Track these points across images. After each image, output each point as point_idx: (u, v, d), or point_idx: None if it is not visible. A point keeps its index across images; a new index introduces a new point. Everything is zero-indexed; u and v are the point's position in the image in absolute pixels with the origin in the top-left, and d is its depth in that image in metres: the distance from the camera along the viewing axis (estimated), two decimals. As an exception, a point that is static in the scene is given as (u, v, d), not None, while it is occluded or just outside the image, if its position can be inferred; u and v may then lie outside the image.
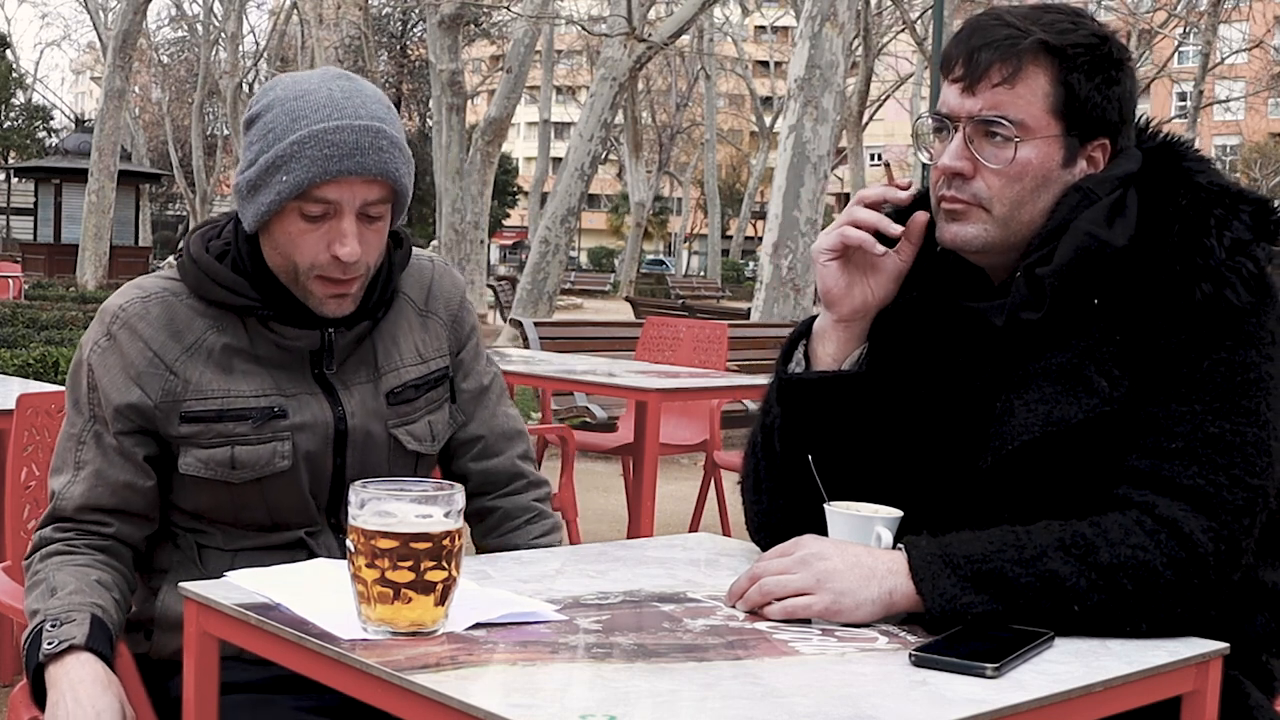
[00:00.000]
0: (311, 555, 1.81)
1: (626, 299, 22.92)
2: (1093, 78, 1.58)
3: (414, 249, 1.94)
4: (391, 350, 1.89)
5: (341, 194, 1.70)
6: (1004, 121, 1.57)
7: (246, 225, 1.76)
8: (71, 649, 1.65)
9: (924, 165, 1.70)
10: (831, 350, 1.68)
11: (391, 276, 1.86)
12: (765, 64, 49.76)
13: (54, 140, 44.48)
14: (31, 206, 29.91)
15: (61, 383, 6.25)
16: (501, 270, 35.22)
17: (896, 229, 1.63)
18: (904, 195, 1.66)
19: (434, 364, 1.93)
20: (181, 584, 1.50)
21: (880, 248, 1.63)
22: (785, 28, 48.94)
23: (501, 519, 2.00)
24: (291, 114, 1.70)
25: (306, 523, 1.83)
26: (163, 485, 1.82)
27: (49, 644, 1.65)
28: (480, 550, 2.00)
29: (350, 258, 1.72)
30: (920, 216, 1.63)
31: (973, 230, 1.61)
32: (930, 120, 1.64)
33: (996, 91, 1.57)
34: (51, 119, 51.20)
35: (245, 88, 36.54)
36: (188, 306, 1.80)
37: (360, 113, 1.71)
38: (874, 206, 1.66)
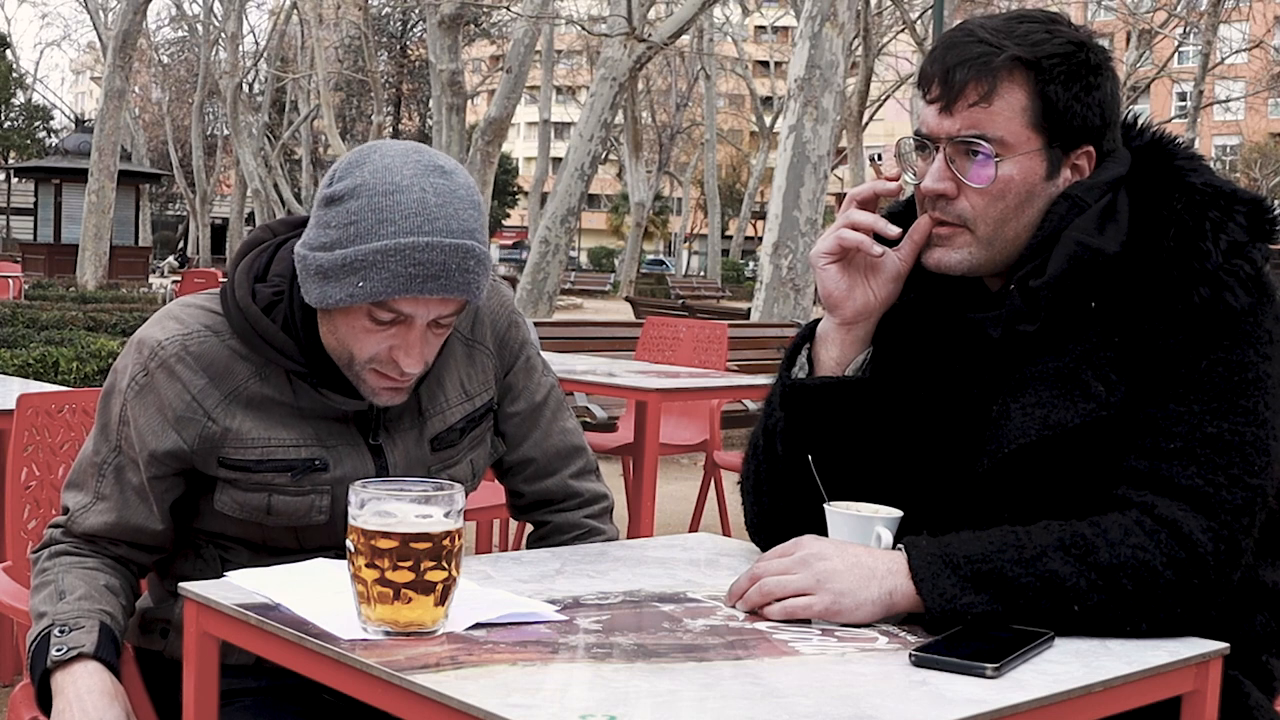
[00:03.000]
0: None
1: (626, 299, 22.92)
2: (1070, 87, 1.57)
3: None
4: (436, 392, 1.82)
5: (417, 309, 1.62)
6: (983, 141, 1.56)
7: (307, 300, 1.66)
8: (80, 657, 1.65)
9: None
10: (835, 354, 1.68)
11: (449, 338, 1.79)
12: (765, 64, 49.74)
13: (54, 140, 44.54)
14: (31, 206, 29.93)
15: (62, 383, 6.26)
16: (501, 270, 35.24)
17: (893, 229, 1.63)
18: (892, 186, 1.65)
19: (479, 400, 1.87)
20: (181, 584, 1.50)
21: (878, 248, 1.63)
22: (785, 28, 48.94)
23: (551, 531, 1.98)
24: (379, 213, 1.59)
25: (335, 547, 1.81)
26: (192, 511, 1.79)
27: (57, 650, 1.65)
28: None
29: (413, 370, 1.66)
30: (925, 221, 1.63)
31: (957, 256, 1.61)
32: (912, 140, 1.64)
33: (973, 111, 1.56)
34: (51, 119, 51.27)
35: (245, 88, 36.56)
36: (229, 348, 1.73)
37: (452, 226, 1.60)
38: (867, 204, 1.66)
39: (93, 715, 1.62)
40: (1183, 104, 42.13)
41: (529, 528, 2.05)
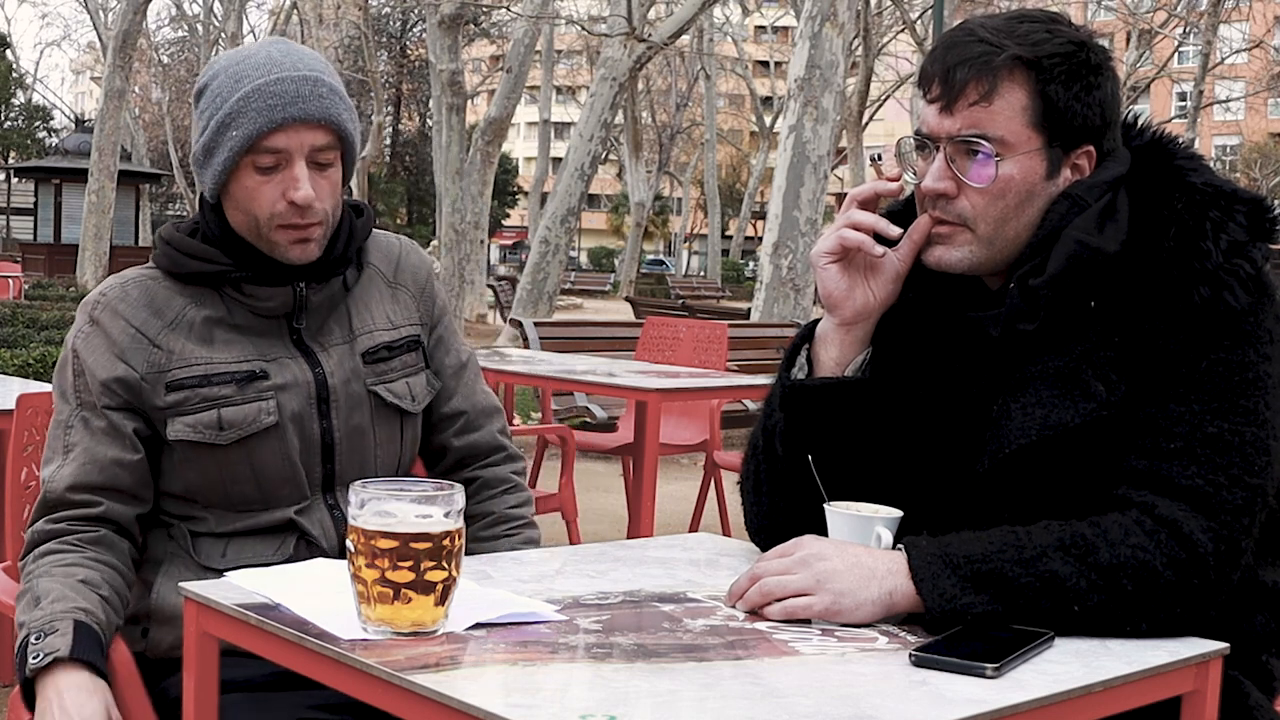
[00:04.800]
0: (303, 536, 1.84)
1: (626, 299, 22.89)
2: (1071, 86, 1.57)
3: (381, 231, 2.04)
4: (364, 314, 1.95)
5: (289, 141, 1.78)
6: (983, 140, 1.56)
7: (208, 192, 1.84)
8: (56, 663, 1.65)
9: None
10: (834, 354, 1.68)
11: (354, 236, 1.93)
12: (765, 64, 49.72)
13: (54, 140, 44.49)
14: (31, 206, 29.88)
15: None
16: (501, 270, 35.20)
17: (895, 230, 1.63)
18: (893, 186, 1.66)
19: (404, 330, 1.99)
20: (181, 584, 1.51)
21: (879, 248, 1.63)
22: (785, 28, 48.92)
23: (480, 487, 2.07)
24: (234, 76, 1.80)
25: (297, 498, 1.86)
26: (152, 469, 1.85)
27: (34, 658, 1.65)
28: None
29: (305, 200, 1.79)
30: (924, 221, 1.63)
31: (957, 254, 1.61)
32: (912, 140, 1.64)
33: (974, 110, 1.56)
34: (51, 119, 51.22)
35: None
36: (165, 288, 1.87)
37: (299, 66, 1.80)
38: (868, 204, 1.66)
39: (71, 711, 1.62)
40: (1183, 104, 42.11)
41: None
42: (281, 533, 1.84)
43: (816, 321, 1.71)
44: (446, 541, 1.33)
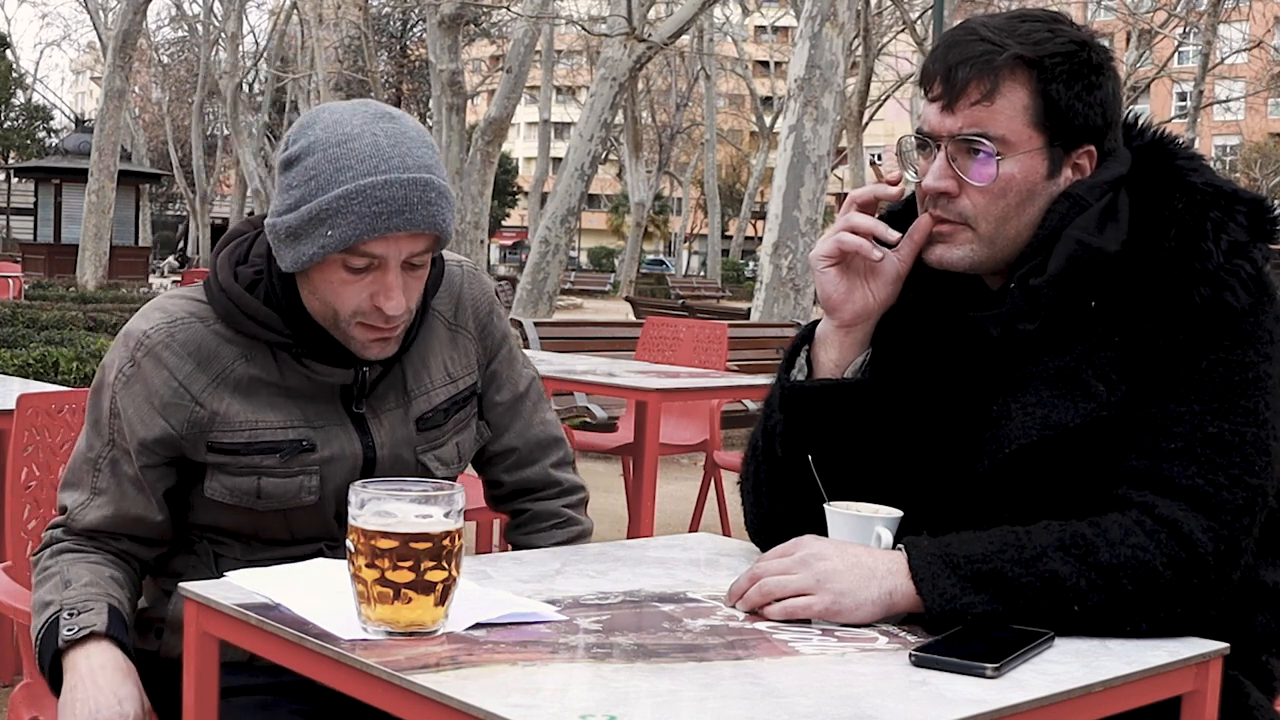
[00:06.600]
0: None
1: (626, 299, 22.90)
2: (1072, 86, 1.57)
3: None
4: (421, 372, 1.85)
5: (388, 249, 1.65)
6: (985, 139, 1.56)
7: (283, 267, 1.69)
8: (92, 636, 1.66)
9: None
10: (834, 356, 1.68)
11: (426, 305, 1.82)
12: (765, 64, 49.72)
13: (54, 140, 44.51)
14: (31, 206, 29.91)
15: (62, 383, 6.27)
16: (501, 270, 35.21)
17: (893, 234, 1.63)
18: (893, 190, 1.66)
19: (463, 382, 1.90)
20: (181, 584, 1.50)
21: (878, 252, 1.63)
22: (785, 28, 48.92)
23: (529, 519, 2.02)
24: (335, 163, 1.62)
25: (327, 537, 1.83)
26: (184, 503, 1.80)
27: (68, 630, 1.66)
28: (508, 543, 2.04)
29: (395, 311, 1.67)
30: (925, 221, 1.63)
31: (958, 253, 1.61)
32: (913, 139, 1.64)
33: (975, 109, 1.56)
34: (51, 119, 51.26)
35: (245, 88, 36.51)
36: (215, 333, 1.76)
37: (407, 163, 1.63)
38: (868, 207, 1.66)
39: (106, 690, 1.62)
40: (1183, 104, 42.10)
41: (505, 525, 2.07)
42: (308, 559, 1.83)
43: (816, 323, 1.71)
44: (446, 541, 1.33)
